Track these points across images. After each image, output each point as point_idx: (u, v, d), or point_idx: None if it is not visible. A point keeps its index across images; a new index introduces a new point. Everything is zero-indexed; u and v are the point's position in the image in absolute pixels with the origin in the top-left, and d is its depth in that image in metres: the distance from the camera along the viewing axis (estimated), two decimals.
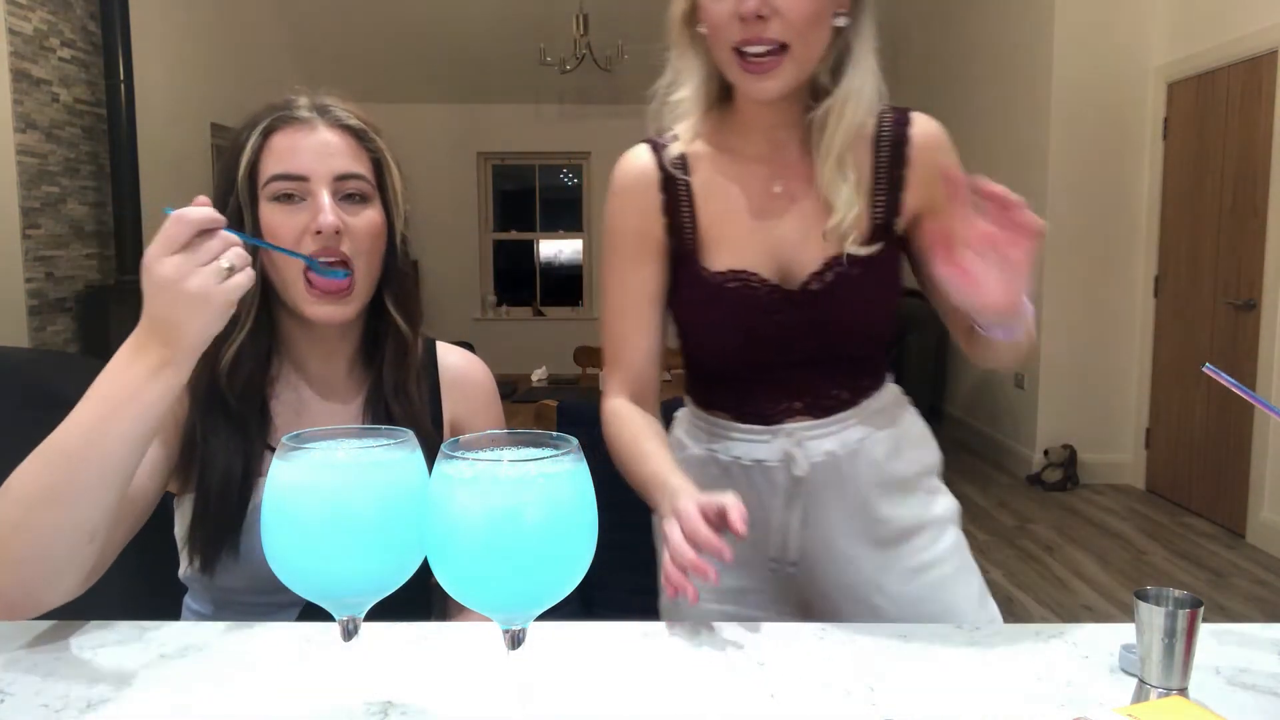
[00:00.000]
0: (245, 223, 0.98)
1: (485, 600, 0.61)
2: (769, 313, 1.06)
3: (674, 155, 1.10)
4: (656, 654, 0.83)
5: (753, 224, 1.08)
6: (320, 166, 0.99)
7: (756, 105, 1.06)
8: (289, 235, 0.98)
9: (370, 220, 1.01)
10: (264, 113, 1.02)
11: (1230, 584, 3.50)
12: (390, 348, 1.07)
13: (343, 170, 1.00)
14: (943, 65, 6.24)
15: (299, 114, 1.01)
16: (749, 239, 1.08)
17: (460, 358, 1.19)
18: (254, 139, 0.99)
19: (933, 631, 0.88)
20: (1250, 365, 3.91)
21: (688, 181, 1.10)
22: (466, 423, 1.16)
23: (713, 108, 1.11)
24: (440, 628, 0.89)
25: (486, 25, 6.52)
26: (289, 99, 1.04)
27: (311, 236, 0.97)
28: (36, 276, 4.13)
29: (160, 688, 0.77)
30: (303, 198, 0.98)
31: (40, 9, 4.19)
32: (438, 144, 7.36)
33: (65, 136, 4.36)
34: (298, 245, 0.97)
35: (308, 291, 0.98)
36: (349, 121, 1.02)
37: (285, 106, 1.02)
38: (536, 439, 0.63)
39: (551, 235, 7.97)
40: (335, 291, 0.98)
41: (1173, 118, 4.53)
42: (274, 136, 1.00)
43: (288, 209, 0.98)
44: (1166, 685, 0.69)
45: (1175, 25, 4.49)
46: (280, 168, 0.98)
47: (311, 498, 0.63)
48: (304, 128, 1.00)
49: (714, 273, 1.07)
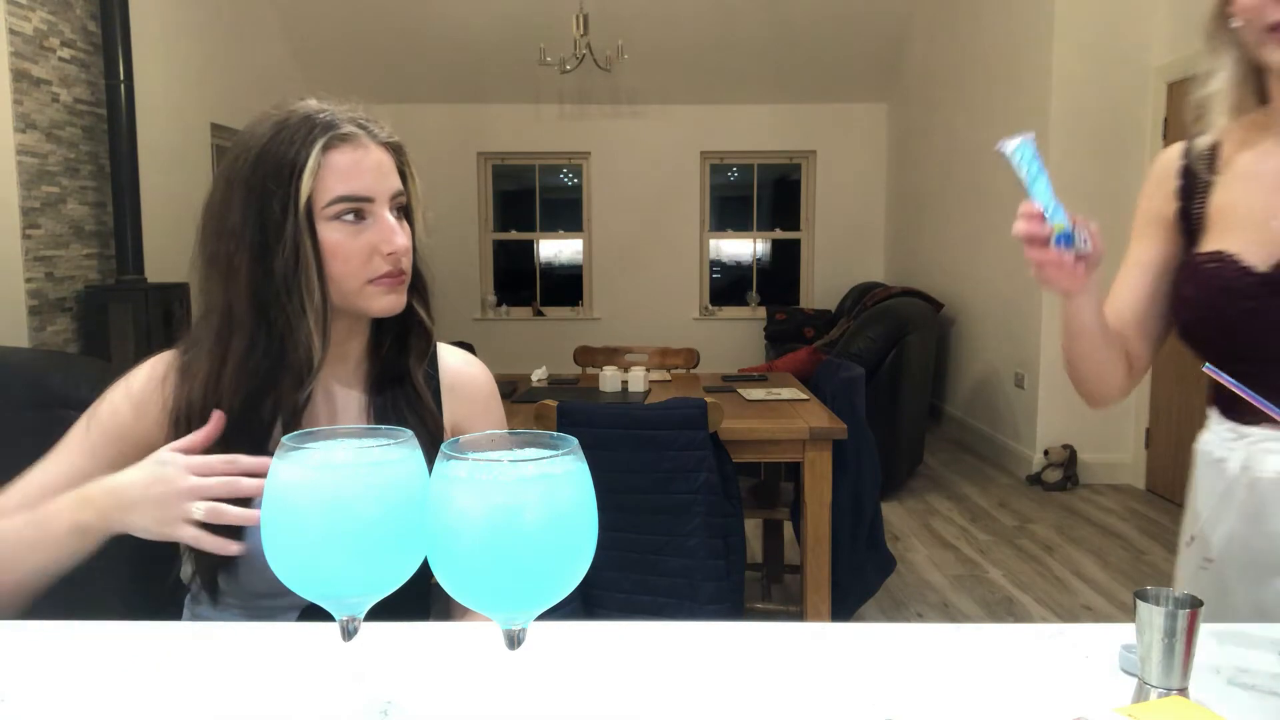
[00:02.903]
0: (301, 244, 0.98)
1: (485, 600, 0.61)
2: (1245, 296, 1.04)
3: (1202, 147, 1.12)
4: (656, 654, 0.83)
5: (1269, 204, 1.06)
6: (381, 186, 1.01)
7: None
8: (357, 254, 1.00)
9: (410, 232, 1.06)
10: (302, 125, 0.99)
11: None
12: (414, 345, 1.11)
13: (396, 189, 1.03)
14: (943, 64, 6.24)
15: (347, 130, 1.01)
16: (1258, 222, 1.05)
17: (461, 359, 1.20)
18: (314, 158, 0.98)
19: (933, 631, 0.88)
20: None
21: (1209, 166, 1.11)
22: (467, 425, 1.16)
23: (1251, 106, 1.10)
24: (440, 628, 0.89)
25: (486, 25, 6.52)
26: (319, 109, 1.02)
27: (383, 257, 1.00)
28: (36, 276, 4.13)
29: (160, 688, 0.77)
30: (363, 216, 1.00)
31: (40, 9, 4.19)
32: (438, 144, 7.36)
33: (65, 136, 4.36)
34: (366, 263, 1.00)
35: (377, 285, 1.01)
36: (392, 140, 1.06)
37: (328, 122, 1.00)
38: (536, 439, 0.63)
39: (551, 235, 7.97)
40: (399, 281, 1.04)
41: (1173, 118, 4.53)
42: (331, 154, 0.99)
43: (353, 229, 1.00)
44: (1166, 685, 0.69)
45: (1175, 25, 4.49)
46: (345, 189, 0.99)
47: (311, 498, 0.63)
48: (359, 146, 1.01)
49: (1197, 254, 1.09)
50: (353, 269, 1.00)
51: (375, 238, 1.00)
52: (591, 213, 7.67)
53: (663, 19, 6.41)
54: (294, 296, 0.98)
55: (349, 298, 1.02)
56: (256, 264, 0.98)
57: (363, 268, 1.00)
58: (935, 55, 6.35)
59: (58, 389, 1.19)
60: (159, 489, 0.89)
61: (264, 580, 0.96)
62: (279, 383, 1.00)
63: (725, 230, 7.89)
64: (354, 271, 1.00)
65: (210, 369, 1.00)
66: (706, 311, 7.76)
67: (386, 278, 1.01)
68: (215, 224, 1.01)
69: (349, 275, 1.00)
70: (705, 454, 2.25)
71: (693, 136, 7.45)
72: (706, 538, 2.24)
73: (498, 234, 7.88)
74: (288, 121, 1.00)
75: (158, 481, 0.90)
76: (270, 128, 1.00)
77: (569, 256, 7.97)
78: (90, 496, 0.92)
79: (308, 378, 1.01)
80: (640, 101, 7.20)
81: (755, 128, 7.47)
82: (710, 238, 7.78)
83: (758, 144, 7.55)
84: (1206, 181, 1.11)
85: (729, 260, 8.02)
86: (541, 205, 7.92)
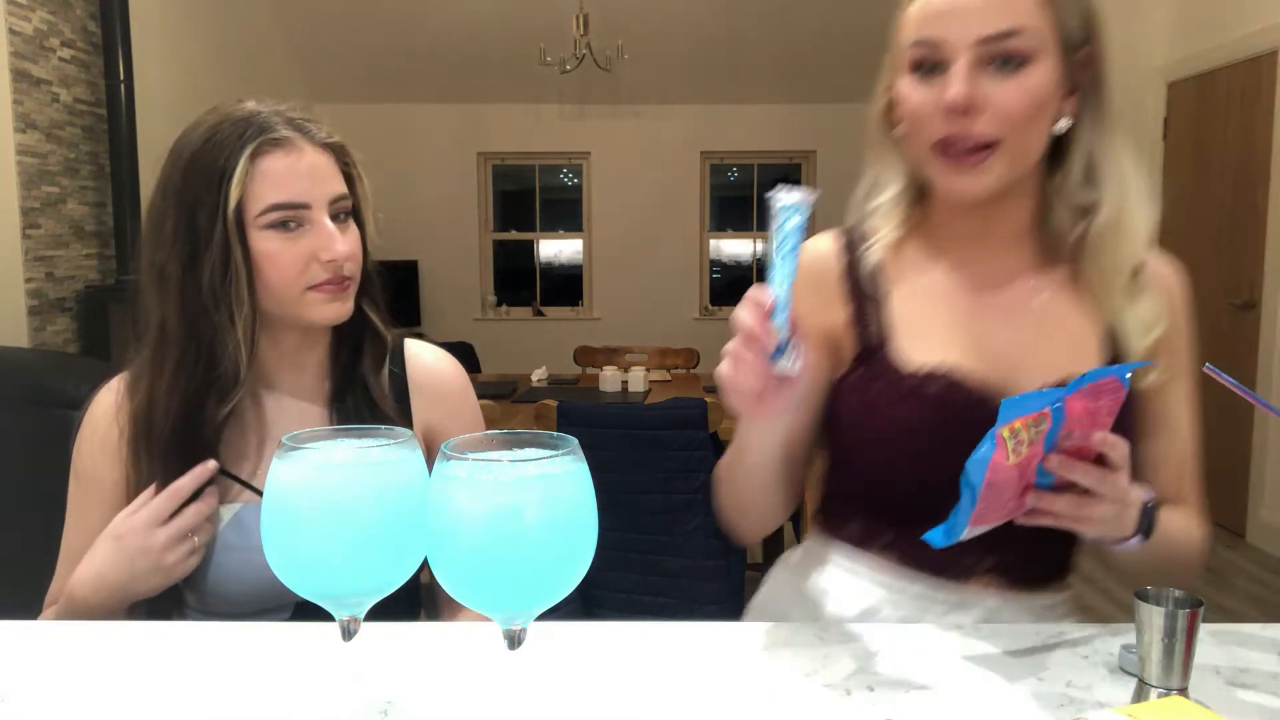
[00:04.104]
0: (231, 254, 0.95)
1: (485, 600, 0.61)
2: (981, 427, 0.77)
3: (871, 260, 0.99)
4: (656, 654, 0.83)
5: (960, 328, 0.95)
6: (318, 191, 0.97)
7: (963, 206, 0.94)
8: (293, 264, 0.96)
9: (357, 236, 1.02)
10: (233, 131, 0.96)
11: (1230, 584, 3.50)
12: (369, 352, 1.07)
13: (336, 193, 0.99)
14: None
15: (281, 133, 0.97)
16: (953, 342, 0.94)
17: (431, 357, 1.15)
18: (242, 165, 0.95)
19: (933, 631, 0.88)
20: (1250, 365, 3.91)
21: (879, 277, 0.99)
22: (439, 424, 1.11)
23: (916, 208, 1.01)
24: (440, 628, 0.89)
25: (486, 25, 6.51)
26: (253, 112, 0.98)
27: (321, 264, 0.97)
28: (36, 276, 4.13)
29: (160, 688, 0.77)
30: (300, 223, 0.97)
31: (40, 9, 4.19)
32: (438, 144, 7.35)
33: (65, 136, 4.36)
34: (304, 271, 0.97)
35: (318, 292, 0.98)
36: (331, 140, 1.01)
37: (261, 125, 0.97)
38: (536, 439, 0.63)
39: (551, 235, 7.96)
40: (342, 288, 0.99)
41: (1173, 118, 4.53)
42: (262, 160, 0.95)
43: (288, 237, 0.96)
44: (1166, 685, 0.69)
45: (1175, 25, 4.48)
46: (279, 196, 0.95)
47: (311, 498, 0.63)
48: (292, 150, 0.97)
49: (911, 372, 0.92)
50: (290, 277, 0.97)
51: (313, 245, 0.97)
52: (591, 213, 7.67)
53: (663, 19, 6.40)
54: (222, 308, 0.95)
55: (288, 306, 0.99)
56: (186, 275, 0.95)
57: (300, 276, 0.97)
58: None
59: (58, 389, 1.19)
60: (143, 561, 0.92)
61: (243, 597, 0.97)
62: (209, 397, 0.97)
63: (725, 230, 7.88)
64: (291, 280, 0.97)
65: (149, 386, 0.98)
66: (706, 311, 7.75)
67: (327, 285, 0.98)
68: (152, 234, 0.99)
69: (286, 283, 0.97)
70: (705, 454, 2.25)
71: (693, 136, 7.44)
72: (706, 538, 2.25)
73: (498, 234, 7.88)
74: (220, 127, 0.97)
75: (136, 555, 0.92)
76: (203, 133, 0.97)
77: (569, 256, 7.97)
78: (87, 599, 0.93)
79: (233, 391, 0.98)
80: (640, 101, 7.19)
81: (755, 128, 7.46)
82: (710, 238, 7.78)
83: (758, 144, 7.55)
84: (879, 292, 0.98)
85: (729, 260, 8.01)
86: (541, 205, 7.92)
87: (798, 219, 0.75)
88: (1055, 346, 0.93)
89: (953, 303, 0.96)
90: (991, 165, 0.88)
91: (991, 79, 0.86)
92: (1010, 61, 0.86)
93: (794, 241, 0.75)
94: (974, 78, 0.85)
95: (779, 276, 0.75)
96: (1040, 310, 0.95)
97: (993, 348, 0.94)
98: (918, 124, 0.90)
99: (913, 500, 0.93)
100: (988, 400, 0.88)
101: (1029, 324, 0.95)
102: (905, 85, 0.90)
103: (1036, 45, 0.86)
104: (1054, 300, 0.96)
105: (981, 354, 0.93)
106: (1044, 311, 0.95)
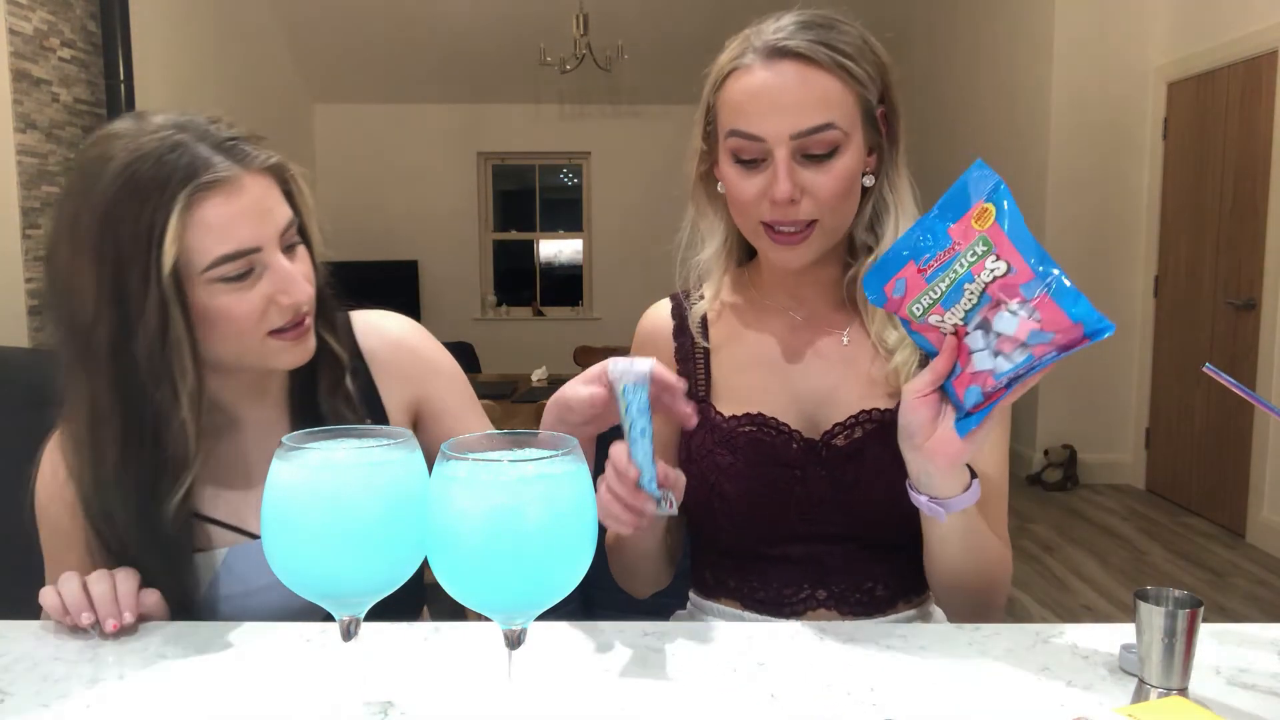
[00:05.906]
0: (170, 322, 0.83)
1: (485, 600, 0.61)
2: (787, 464, 0.98)
3: (697, 317, 1.07)
4: (656, 654, 0.83)
5: (774, 374, 1.03)
6: (267, 229, 0.86)
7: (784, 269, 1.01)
8: (250, 314, 0.86)
9: (308, 260, 0.93)
10: (156, 174, 0.81)
11: (1230, 584, 3.50)
12: (326, 375, 0.98)
13: (284, 222, 0.88)
14: (944, 66, 6.24)
15: (217, 172, 0.83)
16: (768, 388, 1.02)
17: (379, 339, 1.05)
18: (175, 219, 0.81)
19: (933, 631, 0.88)
20: (1250, 365, 3.91)
21: (704, 333, 1.07)
22: (425, 396, 1.05)
23: (735, 261, 1.08)
24: (440, 628, 0.89)
25: (486, 25, 6.51)
26: (175, 144, 0.83)
27: (279, 310, 0.88)
28: (36, 276, 4.13)
29: (160, 688, 0.77)
30: (251, 268, 0.86)
31: (40, 9, 4.19)
32: (438, 144, 7.35)
33: (65, 136, 4.36)
34: (262, 318, 0.87)
35: (278, 340, 0.90)
36: (270, 162, 0.89)
37: (190, 165, 0.82)
38: (536, 439, 0.64)
39: (551, 235, 7.96)
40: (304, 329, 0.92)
41: (1173, 118, 4.53)
42: (198, 209, 0.82)
43: (240, 288, 0.86)
44: (1166, 685, 0.69)
45: (1175, 25, 4.48)
46: (225, 247, 0.83)
47: (311, 498, 0.63)
48: (232, 190, 0.84)
49: (728, 417, 1.01)
50: (246, 328, 0.87)
51: (268, 289, 0.86)
52: (591, 213, 7.67)
53: (663, 19, 6.40)
54: (164, 384, 0.85)
55: (247, 356, 0.90)
56: (118, 348, 0.84)
57: (259, 324, 0.87)
58: (935, 56, 6.35)
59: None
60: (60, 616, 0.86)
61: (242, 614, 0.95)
62: (161, 483, 0.88)
63: None
64: (249, 330, 0.87)
65: (93, 474, 0.89)
66: None
67: (290, 330, 0.89)
68: (64, 296, 0.86)
69: (243, 334, 0.87)
70: None
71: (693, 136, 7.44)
72: None
73: (498, 234, 7.88)
74: (136, 167, 0.82)
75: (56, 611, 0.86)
76: (115, 179, 0.82)
77: (569, 256, 7.97)
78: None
79: (184, 476, 0.88)
80: (640, 101, 7.19)
81: None
82: None
83: None
84: (701, 349, 1.06)
85: None
86: (541, 205, 7.92)
87: (641, 395, 0.78)
88: (853, 385, 1.01)
89: (768, 351, 1.04)
90: (813, 240, 0.95)
91: (807, 169, 0.92)
92: (824, 153, 0.92)
93: (644, 421, 0.79)
94: (793, 170, 0.92)
95: (638, 453, 0.79)
96: (844, 352, 1.02)
97: (801, 392, 1.02)
98: (743, 208, 0.96)
99: (741, 544, 1.01)
100: (792, 440, 0.98)
101: (834, 367, 1.02)
102: (729, 171, 0.96)
103: (846, 129, 0.92)
104: (855, 341, 1.03)
105: (791, 398, 1.01)
106: (846, 353, 1.02)
